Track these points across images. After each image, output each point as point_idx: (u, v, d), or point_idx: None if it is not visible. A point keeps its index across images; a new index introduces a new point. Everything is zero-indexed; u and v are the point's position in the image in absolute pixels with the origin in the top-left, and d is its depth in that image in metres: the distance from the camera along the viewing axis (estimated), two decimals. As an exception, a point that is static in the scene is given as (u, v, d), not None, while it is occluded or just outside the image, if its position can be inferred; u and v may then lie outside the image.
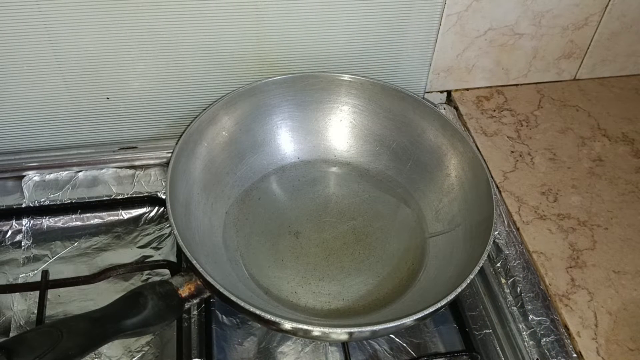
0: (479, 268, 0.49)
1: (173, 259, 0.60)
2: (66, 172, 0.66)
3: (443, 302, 0.47)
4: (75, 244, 0.62)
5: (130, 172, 0.67)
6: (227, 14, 0.60)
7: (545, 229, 0.59)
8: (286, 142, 0.67)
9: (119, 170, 0.67)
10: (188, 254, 0.49)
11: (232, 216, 0.62)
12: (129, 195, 0.65)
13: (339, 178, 0.67)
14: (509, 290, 0.57)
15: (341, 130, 0.68)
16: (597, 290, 0.54)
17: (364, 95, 0.66)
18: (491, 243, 0.51)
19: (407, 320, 0.46)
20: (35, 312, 0.54)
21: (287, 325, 0.46)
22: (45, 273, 0.57)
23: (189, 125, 0.59)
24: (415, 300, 0.55)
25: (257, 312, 0.46)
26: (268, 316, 0.46)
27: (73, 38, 0.59)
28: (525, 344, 0.53)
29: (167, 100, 0.67)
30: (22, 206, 0.63)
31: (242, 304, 0.46)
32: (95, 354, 0.53)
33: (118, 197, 0.65)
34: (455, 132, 0.61)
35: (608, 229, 0.59)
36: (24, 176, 0.65)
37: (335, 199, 0.65)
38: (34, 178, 0.65)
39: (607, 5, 0.69)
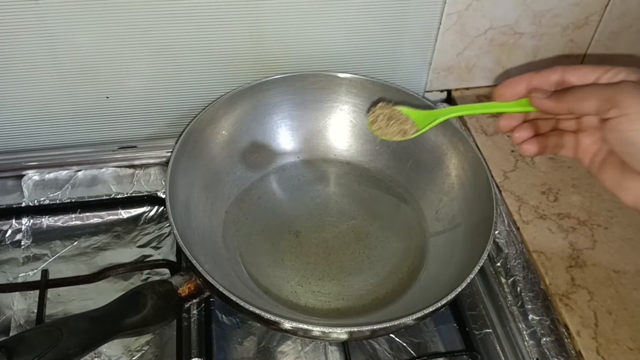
0: (479, 268, 0.49)
1: (173, 258, 0.60)
2: (66, 171, 0.66)
3: (443, 302, 0.47)
4: (75, 243, 0.62)
5: (130, 171, 0.67)
6: (226, 12, 0.60)
7: (546, 228, 0.59)
8: (286, 141, 0.67)
9: (118, 169, 0.67)
10: (188, 253, 0.49)
11: (231, 215, 0.62)
12: (128, 195, 0.65)
13: (339, 177, 0.67)
14: (509, 290, 0.57)
15: (341, 130, 0.68)
16: (597, 290, 0.54)
17: (364, 95, 0.66)
18: (491, 242, 0.51)
19: (407, 320, 0.46)
20: (35, 311, 0.54)
21: (287, 324, 0.46)
22: (45, 272, 0.57)
23: (188, 124, 0.59)
24: (415, 300, 0.55)
25: (257, 311, 0.46)
26: (268, 316, 0.46)
27: (71, 37, 0.59)
28: (525, 343, 0.53)
29: (167, 99, 0.67)
30: (22, 205, 0.63)
31: (242, 303, 0.46)
32: (95, 354, 0.53)
33: (118, 197, 0.65)
34: (455, 131, 0.61)
35: (608, 228, 0.59)
36: (24, 175, 0.65)
37: (335, 199, 0.65)
38: (34, 177, 0.65)
39: (607, 5, 0.69)
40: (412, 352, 0.56)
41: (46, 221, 0.63)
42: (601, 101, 0.38)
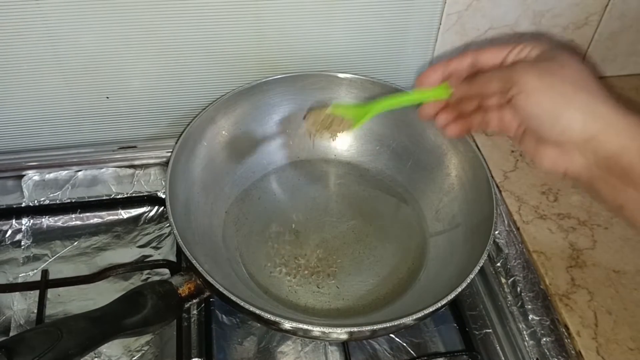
0: (479, 268, 0.49)
1: (173, 258, 0.60)
2: (66, 171, 0.66)
3: (443, 302, 0.47)
4: (75, 243, 0.62)
5: (130, 171, 0.67)
6: (227, 13, 0.60)
7: (546, 228, 0.59)
8: (286, 141, 0.67)
9: (118, 169, 0.67)
10: (188, 253, 0.49)
11: (231, 215, 0.62)
12: (128, 195, 0.65)
13: (339, 178, 0.67)
14: (509, 290, 0.57)
15: (341, 130, 0.68)
16: (597, 290, 0.54)
17: (364, 95, 0.66)
18: (491, 243, 0.51)
19: (407, 320, 0.46)
20: (35, 311, 0.54)
21: (287, 324, 0.46)
22: (45, 272, 0.57)
23: (188, 124, 0.59)
24: (415, 300, 0.55)
25: (257, 311, 0.46)
26: (268, 316, 0.46)
27: (73, 37, 0.59)
28: (525, 343, 0.53)
29: (167, 99, 0.67)
30: (22, 205, 0.63)
31: (242, 303, 0.46)
32: (95, 354, 0.53)
33: (118, 197, 0.65)
34: (455, 131, 0.61)
35: (608, 228, 0.59)
36: (24, 175, 0.65)
37: (335, 199, 0.65)
38: (34, 177, 0.65)
39: (607, 5, 0.69)
40: (412, 352, 0.56)
41: (46, 221, 0.63)
42: (502, 82, 0.42)
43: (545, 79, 0.40)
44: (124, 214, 0.65)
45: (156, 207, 0.65)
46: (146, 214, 0.65)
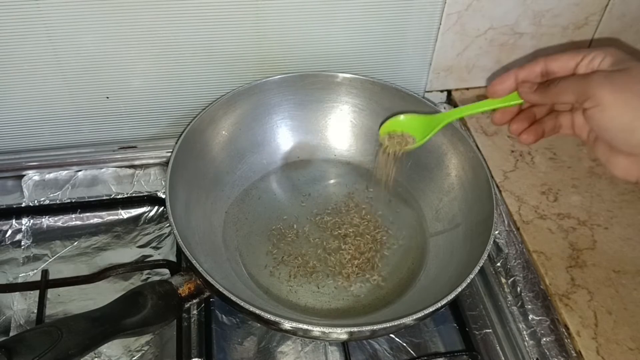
0: (479, 268, 0.49)
1: (173, 258, 0.60)
2: (66, 171, 0.66)
3: (443, 302, 0.47)
4: (75, 243, 0.62)
5: (130, 171, 0.67)
6: (227, 13, 0.60)
7: (546, 228, 0.59)
8: (286, 141, 0.67)
9: (118, 169, 0.67)
10: (188, 253, 0.49)
11: (232, 215, 0.62)
12: (128, 195, 0.65)
13: (339, 177, 0.67)
14: (509, 290, 0.57)
15: (341, 130, 0.68)
16: (597, 290, 0.54)
17: (364, 95, 0.66)
18: (491, 243, 0.51)
19: (407, 320, 0.46)
20: (35, 311, 0.54)
21: (287, 324, 0.46)
22: (45, 272, 0.57)
23: (188, 124, 0.59)
24: (415, 300, 0.55)
25: (257, 311, 0.46)
26: (268, 316, 0.46)
27: (73, 37, 0.59)
28: (525, 343, 0.53)
29: (167, 99, 0.67)
30: (22, 205, 0.63)
31: (242, 303, 0.46)
32: (95, 354, 0.53)
33: (118, 197, 0.65)
34: (455, 131, 0.61)
35: (608, 228, 0.59)
36: (24, 175, 0.65)
37: (335, 199, 0.65)
38: (34, 177, 0.65)
39: (607, 5, 0.69)
40: (412, 352, 0.56)
41: (46, 221, 0.63)
42: (576, 94, 0.42)
43: (620, 94, 0.40)
44: (124, 214, 0.65)
45: (156, 207, 0.65)
46: (146, 214, 0.65)
